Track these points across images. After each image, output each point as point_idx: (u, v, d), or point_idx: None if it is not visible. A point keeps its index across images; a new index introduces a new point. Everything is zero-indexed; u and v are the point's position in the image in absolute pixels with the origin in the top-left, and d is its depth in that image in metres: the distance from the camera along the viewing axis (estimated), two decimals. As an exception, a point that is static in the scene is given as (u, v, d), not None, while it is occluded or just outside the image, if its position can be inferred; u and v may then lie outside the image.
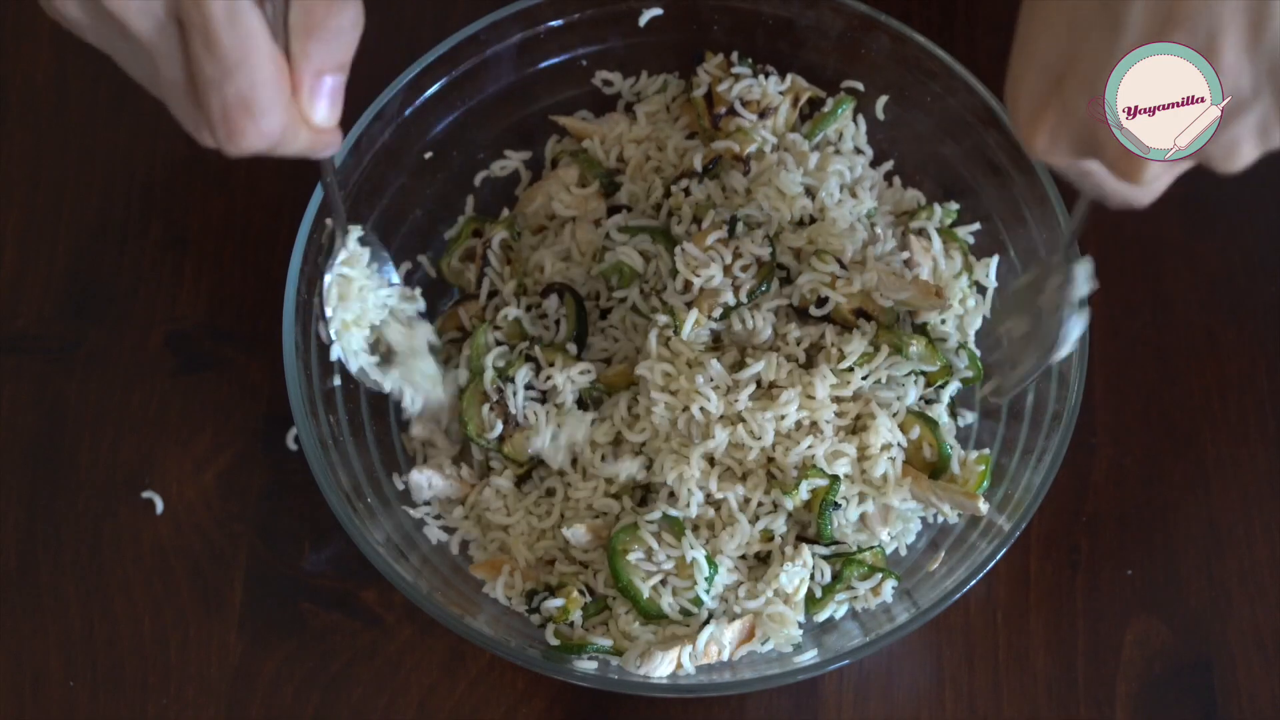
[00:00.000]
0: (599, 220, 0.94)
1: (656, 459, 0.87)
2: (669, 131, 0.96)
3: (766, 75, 0.95)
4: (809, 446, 0.85)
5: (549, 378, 0.88)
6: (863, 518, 0.87)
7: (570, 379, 0.88)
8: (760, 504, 0.86)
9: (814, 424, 0.86)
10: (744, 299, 0.87)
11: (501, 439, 0.88)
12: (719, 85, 0.94)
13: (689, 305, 0.87)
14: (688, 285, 0.87)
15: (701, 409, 0.85)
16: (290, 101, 0.63)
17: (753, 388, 0.86)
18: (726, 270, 0.87)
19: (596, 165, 0.95)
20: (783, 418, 0.85)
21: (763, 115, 0.93)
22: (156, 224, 1.02)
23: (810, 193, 0.91)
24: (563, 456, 0.88)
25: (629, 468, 0.87)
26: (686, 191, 0.91)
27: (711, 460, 0.86)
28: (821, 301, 0.87)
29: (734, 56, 0.95)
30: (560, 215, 0.95)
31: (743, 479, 0.86)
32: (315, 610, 0.92)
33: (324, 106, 0.65)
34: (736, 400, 0.85)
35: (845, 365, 0.86)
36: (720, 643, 0.83)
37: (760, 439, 0.85)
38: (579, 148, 0.97)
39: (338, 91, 0.65)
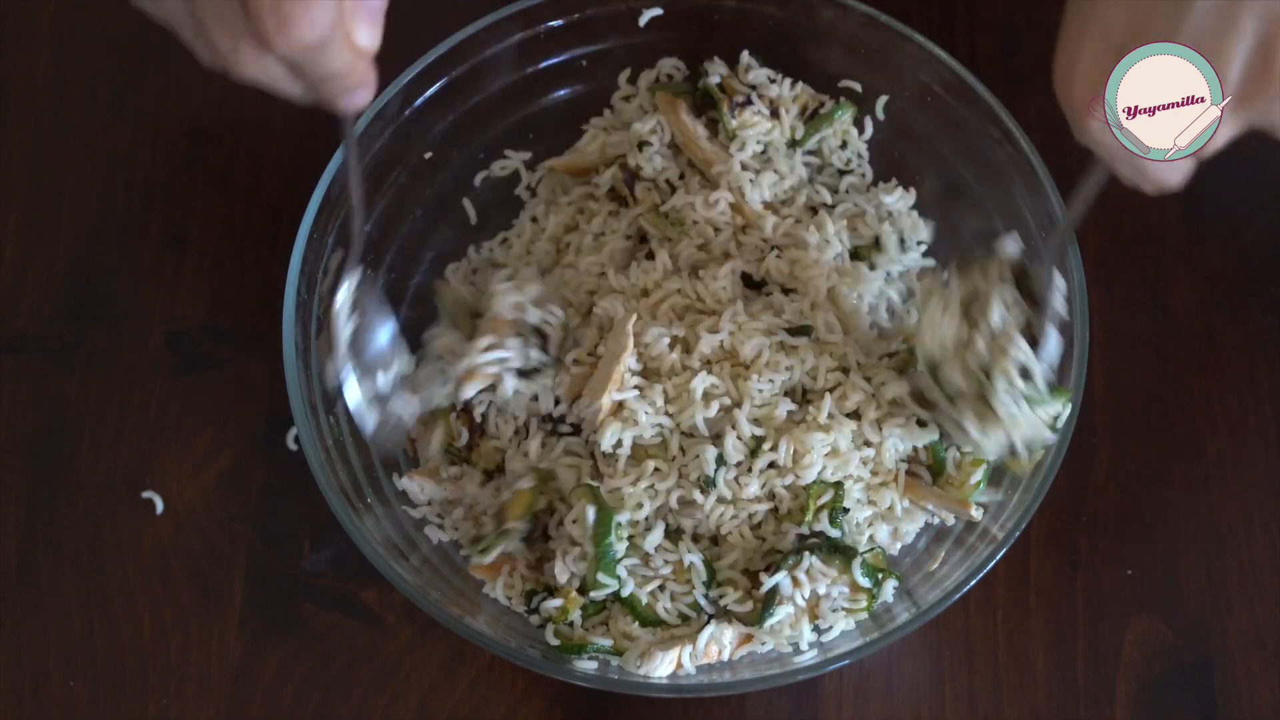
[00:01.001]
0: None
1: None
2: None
3: (779, 81, 0.95)
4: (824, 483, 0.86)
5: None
6: (872, 536, 0.87)
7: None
8: (771, 531, 0.86)
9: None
10: None
11: (470, 447, 0.88)
12: (736, 77, 0.94)
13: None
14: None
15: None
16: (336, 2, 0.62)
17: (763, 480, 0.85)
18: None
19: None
20: (801, 477, 0.85)
21: (774, 114, 0.94)
22: (156, 224, 1.02)
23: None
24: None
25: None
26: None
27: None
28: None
29: (744, 55, 0.95)
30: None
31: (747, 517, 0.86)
32: (315, 610, 0.92)
33: (366, 29, 0.64)
34: (745, 488, 0.85)
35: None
36: (720, 643, 0.83)
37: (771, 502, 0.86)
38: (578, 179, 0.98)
39: (378, 16, 0.65)
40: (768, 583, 0.83)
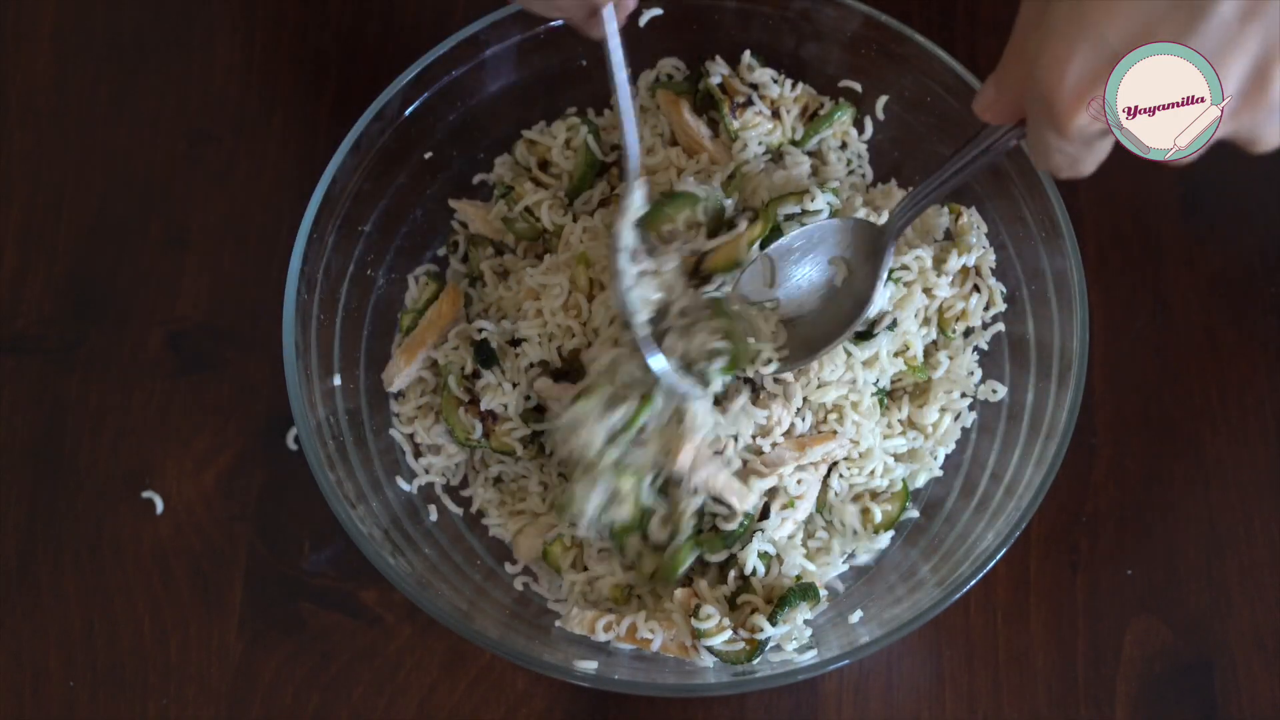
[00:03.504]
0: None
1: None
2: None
3: (781, 81, 0.95)
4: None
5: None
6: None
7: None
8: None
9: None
10: None
11: (486, 435, 0.89)
12: (736, 77, 0.94)
13: None
14: None
15: None
16: None
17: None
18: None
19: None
20: None
21: (775, 114, 0.94)
22: (156, 224, 1.02)
23: None
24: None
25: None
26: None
27: None
28: None
29: (746, 55, 0.95)
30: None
31: None
32: (315, 610, 0.92)
33: None
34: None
35: None
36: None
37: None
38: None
39: None
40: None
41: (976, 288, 0.92)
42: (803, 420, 0.87)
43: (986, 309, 0.93)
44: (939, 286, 0.90)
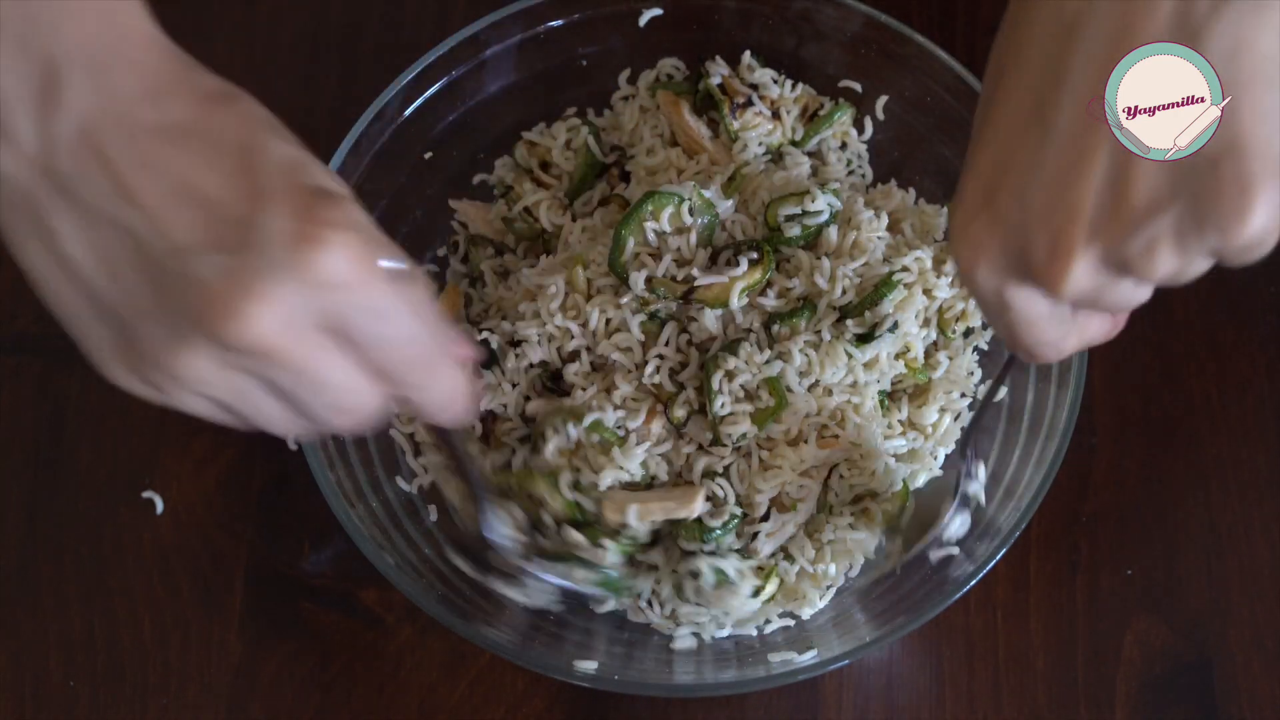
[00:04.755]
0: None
1: None
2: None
3: (781, 81, 0.95)
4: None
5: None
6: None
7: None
8: None
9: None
10: None
11: (486, 435, 0.89)
12: (737, 77, 0.94)
13: None
14: None
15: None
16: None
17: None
18: None
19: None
20: None
21: (775, 115, 0.94)
22: (156, 224, 1.01)
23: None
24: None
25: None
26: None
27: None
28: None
29: (746, 55, 0.95)
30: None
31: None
32: (315, 610, 0.92)
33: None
34: None
35: None
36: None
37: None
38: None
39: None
40: None
41: (976, 288, 0.92)
42: (811, 429, 0.87)
43: (986, 309, 0.93)
44: (939, 287, 0.90)
